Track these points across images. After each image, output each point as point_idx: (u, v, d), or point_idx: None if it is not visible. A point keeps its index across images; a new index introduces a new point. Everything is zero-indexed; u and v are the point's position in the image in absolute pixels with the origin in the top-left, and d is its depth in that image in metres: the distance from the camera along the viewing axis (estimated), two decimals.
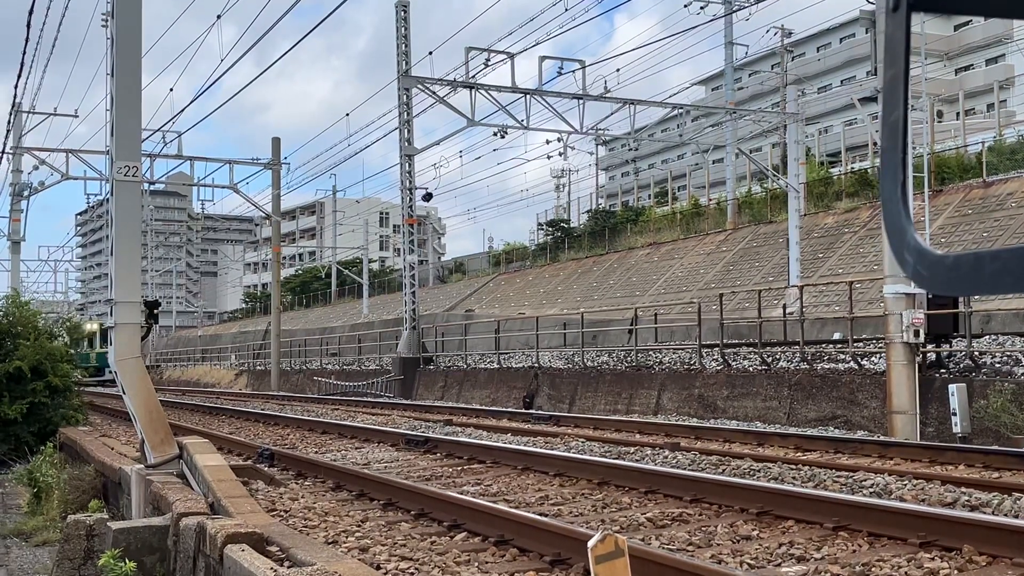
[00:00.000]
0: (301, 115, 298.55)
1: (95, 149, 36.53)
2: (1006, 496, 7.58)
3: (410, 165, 32.24)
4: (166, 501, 8.31)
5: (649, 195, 62.82)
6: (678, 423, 16.92)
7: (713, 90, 71.96)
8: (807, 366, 19.39)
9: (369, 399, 29.64)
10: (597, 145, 71.38)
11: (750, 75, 58.37)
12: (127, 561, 7.16)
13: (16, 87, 35.32)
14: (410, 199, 32.35)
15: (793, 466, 10.18)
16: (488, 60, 29.90)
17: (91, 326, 48.97)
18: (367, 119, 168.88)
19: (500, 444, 12.93)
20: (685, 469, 10.07)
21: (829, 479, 9.08)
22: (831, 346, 21.29)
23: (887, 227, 1.13)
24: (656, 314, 29.27)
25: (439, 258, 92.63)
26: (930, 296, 15.59)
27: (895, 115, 1.10)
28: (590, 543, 3.48)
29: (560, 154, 35.73)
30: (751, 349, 21.86)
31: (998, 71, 58.17)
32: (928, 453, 11.12)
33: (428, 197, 34.63)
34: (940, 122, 46.23)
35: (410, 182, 32.26)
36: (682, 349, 24.38)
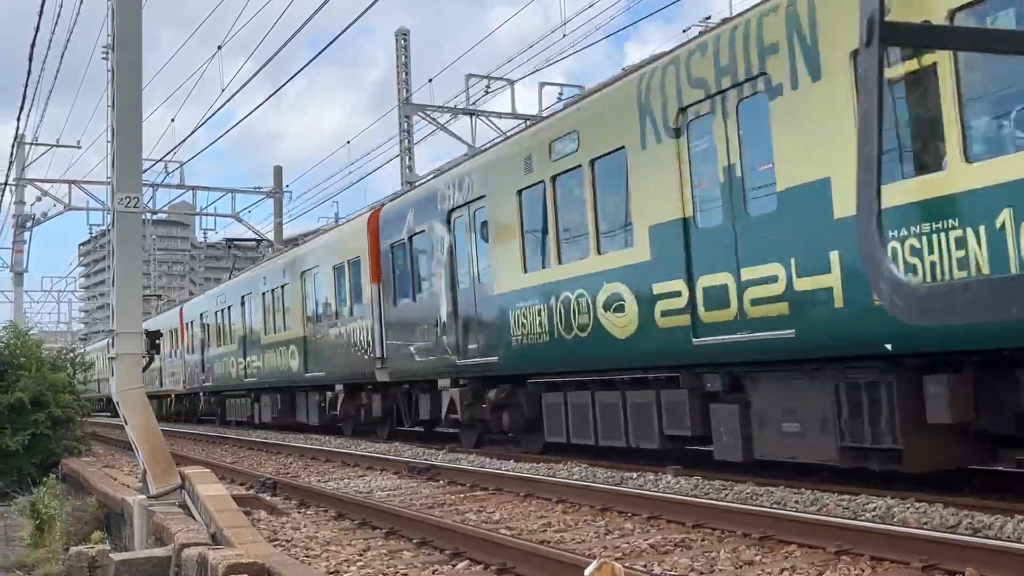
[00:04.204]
0: (313, 146, 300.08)
1: (98, 180, 36.73)
2: (1008, 519, 7.55)
3: None
4: (168, 532, 8.30)
5: None
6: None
7: None
8: None
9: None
10: None
11: None
12: None
13: (19, 119, 35.52)
14: None
15: (795, 490, 10.14)
16: (488, 87, 30.05)
17: None
18: (372, 146, 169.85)
19: (503, 471, 12.92)
20: (687, 495, 10.04)
21: (832, 502, 9.05)
22: None
23: (863, 257, 1.15)
24: None
25: None
26: None
27: (869, 148, 1.12)
28: (586, 572, 3.48)
29: None
30: None
31: None
32: (930, 474, 11.07)
33: None
34: None
35: None
36: None
